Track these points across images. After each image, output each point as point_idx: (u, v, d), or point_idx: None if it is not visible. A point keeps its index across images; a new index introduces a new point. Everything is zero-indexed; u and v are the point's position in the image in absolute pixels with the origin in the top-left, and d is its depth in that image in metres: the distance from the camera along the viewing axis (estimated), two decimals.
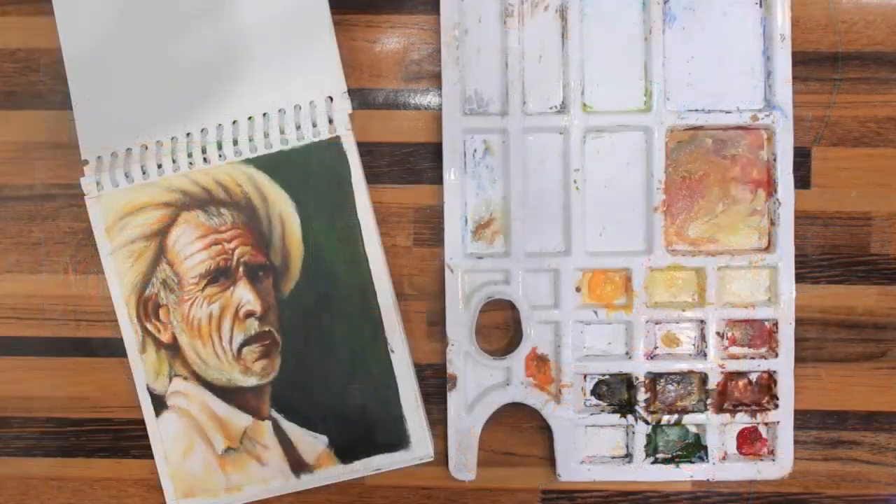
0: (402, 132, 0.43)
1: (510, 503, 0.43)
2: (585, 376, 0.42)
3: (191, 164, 0.42)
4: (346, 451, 0.43)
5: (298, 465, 0.43)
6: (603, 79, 0.42)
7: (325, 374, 0.42)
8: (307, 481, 0.43)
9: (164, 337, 0.43)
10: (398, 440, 0.42)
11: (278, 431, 0.43)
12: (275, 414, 0.43)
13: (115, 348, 0.43)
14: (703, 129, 0.42)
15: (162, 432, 0.43)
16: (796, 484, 0.43)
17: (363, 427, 0.42)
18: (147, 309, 0.43)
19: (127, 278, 0.43)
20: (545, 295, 0.42)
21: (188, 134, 0.42)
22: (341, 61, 0.42)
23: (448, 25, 0.41)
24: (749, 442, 0.42)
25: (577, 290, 0.42)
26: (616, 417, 0.42)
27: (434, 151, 0.43)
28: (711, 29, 0.42)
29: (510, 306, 0.42)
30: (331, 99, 0.42)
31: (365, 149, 0.43)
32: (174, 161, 0.42)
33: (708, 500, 0.43)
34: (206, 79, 0.42)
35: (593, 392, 0.42)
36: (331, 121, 0.42)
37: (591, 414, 0.42)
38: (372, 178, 0.43)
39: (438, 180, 0.42)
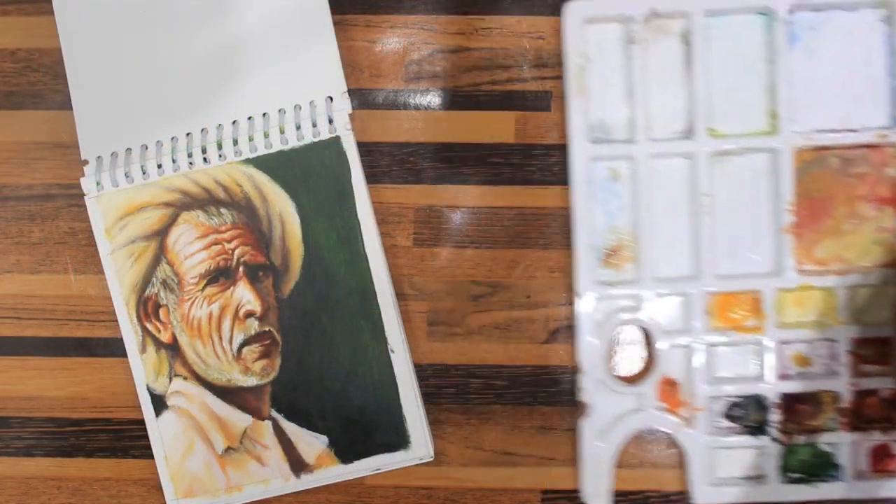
0: (402, 132, 0.43)
1: (510, 503, 0.43)
2: (717, 399, 0.42)
3: (191, 163, 0.42)
4: (346, 451, 0.43)
5: (298, 465, 0.43)
6: (727, 102, 0.42)
7: (326, 374, 0.42)
8: (307, 481, 0.43)
9: (164, 337, 0.43)
10: (398, 440, 0.42)
11: (278, 431, 0.43)
12: (275, 414, 0.43)
13: (115, 348, 0.43)
14: (828, 149, 0.42)
15: (162, 432, 0.43)
16: None
17: (363, 427, 0.42)
18: (147, 309, 0.43)
19: (127, 278, 0.43)
20: (675, 319, 0.42)
21: (188, 134, 0.42)
22: (341, 61, 0.42)
23: (573, 54, 0.41)
24: (882, 459, 0.42)
25: (707, 313, 0.42)
26: (749, 439, 0.42)
27: (434, 151, 0.43)
28: (835, 48, 0.42)
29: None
30: (331, 99, 0.42)
31: (365, 149, 0.43)
32: (174, 161, 0.42)
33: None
34: (206, 79, 0.42)
35: (725, 414, 0.42)
36: (331, 121, 0.42)
37: (724, 436, 0.42)
38: (372, 178, 0.43)
39: (439, 180, 0.42)
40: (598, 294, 0.42)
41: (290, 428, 0.43)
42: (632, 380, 0.42)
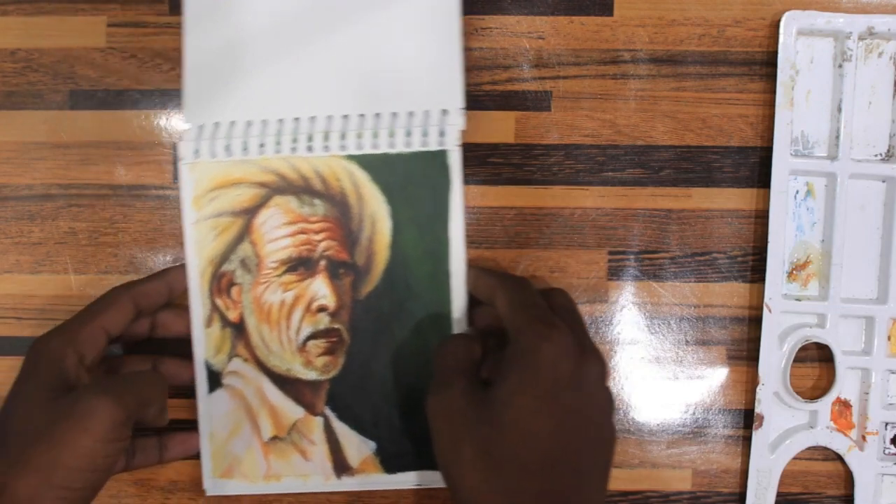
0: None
1: None
2: (887, 425, 0.42)
3: (293, 148, 0.41)
4: (391, 461, 0.42)
5: (342, 467, 0.42)
6: None
7: (387, 382, 0.42)
8: (347, 483, 0.42)
9: (232, 315, 0.42)
10: None
11: (328, 429, 0.42)
12: (328, 411, 0.42)
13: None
14: None
15: (211, 409, 0.42)
16: None
17: (413, 440, 0.42)
18: (220, 284, 0.42)
19: (206, 251, 0.42)
20: (853, 341, 0.43)
21: (296, 119, 0.42)
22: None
23: (785, 65, 0.41)
24: None
25: (889, 338, 0.42)
26: None
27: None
28: None
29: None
30: (445, 112, 0.42)
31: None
32: (278, 143, 0.42)
33: (707, 500, 0.43)
34: (325, 67, 0.42)
35: (893, 440, 0.43)
36: (442, 133, 0.41)
37: (893, 463, 0.42)
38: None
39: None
40: (783, 307, 0.42)
41: (340, 428, 0.42)
42: (807, 396, 0.43)
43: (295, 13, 0.42)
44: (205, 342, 0.42)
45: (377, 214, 0.42)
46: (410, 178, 0.41)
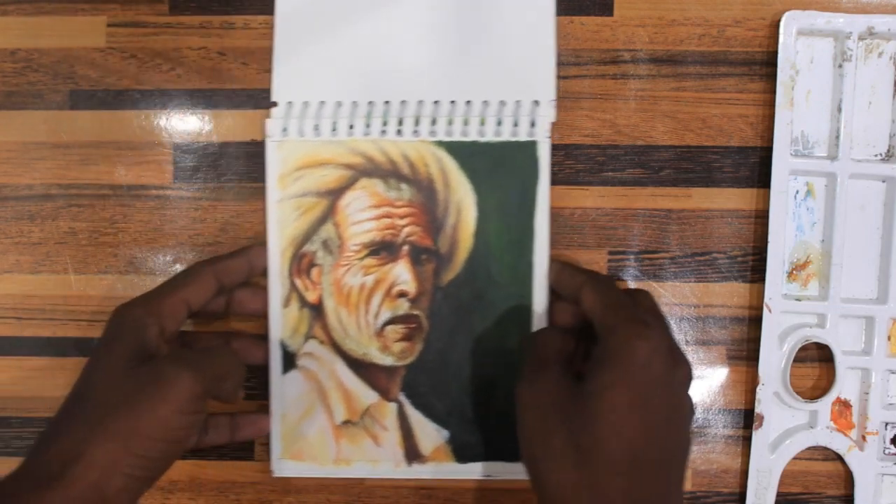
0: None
1: (510, 503, 0.43)
2: (887, 425, 0.42)
3: (383, 132, 0.41)
4: (463, 451, 0.42)
5: (413, 454, 0.42)
6: None
7: (464, 371, 0.42)
8: (417, 471, 0.42)
9: (311, 297, 0.42)
10: (518, 452, 0.42)
11: (402, 416, 0.42)
12: (402, 398, 0.42)
13: None
14: None
15: (285, 390, 0.42)
16: None
17: (487, 431, 0.42)
18: (301, 265, 0.42)
19: (288, 230, 0.42)
20: (853, 341, 0.43)
21: (386, 102, 0.42)
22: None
23: (785, 65, 0.41)
24: None
25: (889, 338, 0.42)
26: None
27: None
28: None
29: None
30: (537, 103, 0.42)
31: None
32: (367, 125, 0.41)
33: (707, 500, 0.43)
34: (417, 52, 0.42)
35: (893, 440, 0.43)
36: (533, 124, 0.41)
37: (893, 463, 0.42)
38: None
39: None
40: (783, 307, 0.42)
41: (414, 415, 0.42)
42: (807, 396, 0.43)
43: None
44: (281, 322, 0.42)
45: (463, 202, 0.41)
46: (498, 168, 0.41)
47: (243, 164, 0.43)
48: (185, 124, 0.43)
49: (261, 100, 0.43)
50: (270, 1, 0.43)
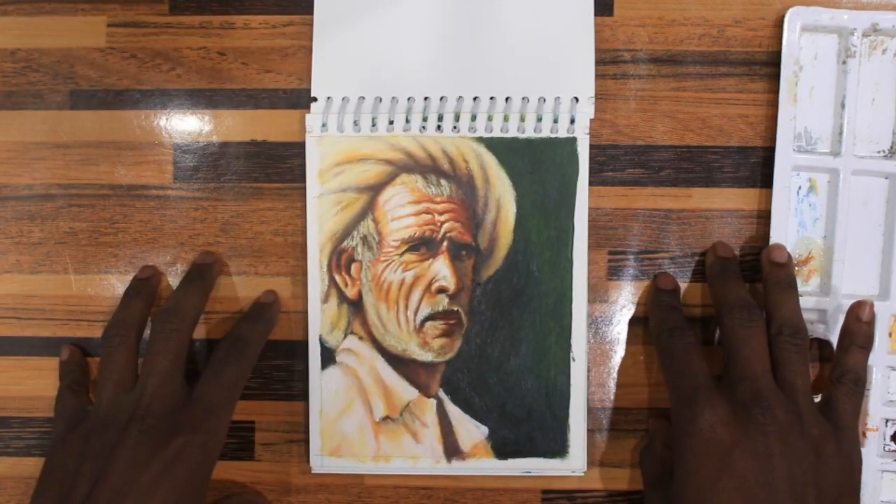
0: None
1: (510, 503, 0.43)
2: (888, 421, 0.42)
3: (423, 128, 0.42)
4: (503, 447, 0.42)
5: (453, 450, 0.42)
6: None
7: (503, 367, 0.42)
8: (457, 468, 0.42)
9: (350, 292, 0.42)
10: (558, 448, 0.42)
11: (441, 412, 0.42)
12: (442, 394, 0.42)
13: None
14: None
15: (324, 386, 0.42)
16: None
17: (527, 427, 0.42)
18: (340, 261, 0.42)
19: (328, 225, 0.42)
20: None
21: (426, 98, 0.42)
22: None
23: (789, 61, 0.41)
24: None
25: (889, 334, 0.42)
26: None
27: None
28: None
29: None
30: (576, 100, 0.42)
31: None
32: (407, 121, 0.42)
33: None
34: (457, 48, 0.42)
35: (894, 437, 0.43)
36: (572, 121, 0.41)
37: (894, 459, 0.42)
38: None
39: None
40: None
41: (454, 411, 0.42)
42: None
43: None
44: (320, 318, 0.42)
45: (503, 198, 0.42)
46: (538, 164, 0.41)
47: (243, 164, 0.43)
48: (185, 124, 0.43)
49: (261, 100, 0.43)
50: (271, 1, 0.43)
